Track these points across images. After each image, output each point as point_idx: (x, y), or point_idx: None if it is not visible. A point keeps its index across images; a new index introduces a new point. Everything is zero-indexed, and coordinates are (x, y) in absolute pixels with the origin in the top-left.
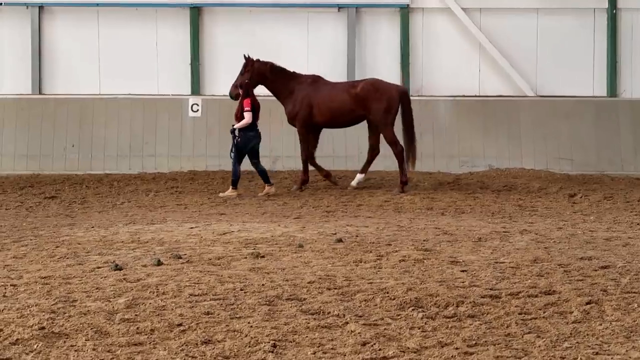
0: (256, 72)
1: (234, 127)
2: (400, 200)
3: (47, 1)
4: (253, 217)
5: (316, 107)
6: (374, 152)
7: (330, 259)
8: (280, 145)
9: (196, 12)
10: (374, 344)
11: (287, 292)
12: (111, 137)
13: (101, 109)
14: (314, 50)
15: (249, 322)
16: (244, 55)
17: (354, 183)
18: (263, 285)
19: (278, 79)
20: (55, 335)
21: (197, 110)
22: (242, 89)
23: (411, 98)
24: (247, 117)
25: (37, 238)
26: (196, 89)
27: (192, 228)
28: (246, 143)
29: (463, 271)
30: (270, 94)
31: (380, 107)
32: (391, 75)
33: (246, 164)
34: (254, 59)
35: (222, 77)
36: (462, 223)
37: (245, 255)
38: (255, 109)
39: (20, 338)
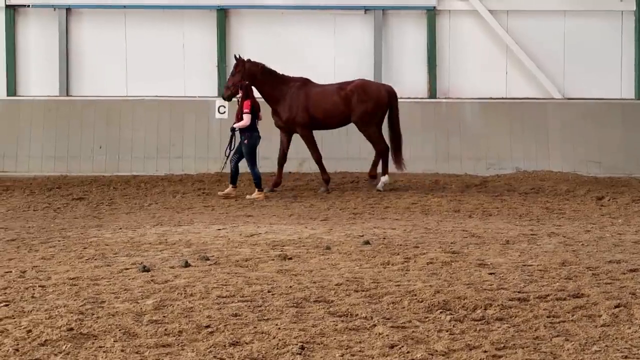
0: (247, 72)
1: (234, 126)
2: (427, 202)
3: (75, 3)
4: (280, 219)
5: (311, 109)
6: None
7: (358, 261)
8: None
9: (223, 14)
10: (402, 346)
11: (315, 294)
12: (138, 139)
13: (128, 111)
14: (340, 52)
15: (276, 324)
16: (235, 56)
17: (379, 186)
18: (290, 287)
19: (268, 81)
20: (83, 336)
21: (224, 112)
22: (242, 90)
23: (438, 100)
24: (246, 119)
25: (65, 239)
26: (223, 90)
27: (219, 230)
28: (254, 143)
29: (491, 274)
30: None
31: (367, 108)
32: (418, 77)
33: (242, 166)
34: (245, 59)
35: None
36: (489, 225)
37: (273, 257)
38: (255, 110)
39: (49, 339)
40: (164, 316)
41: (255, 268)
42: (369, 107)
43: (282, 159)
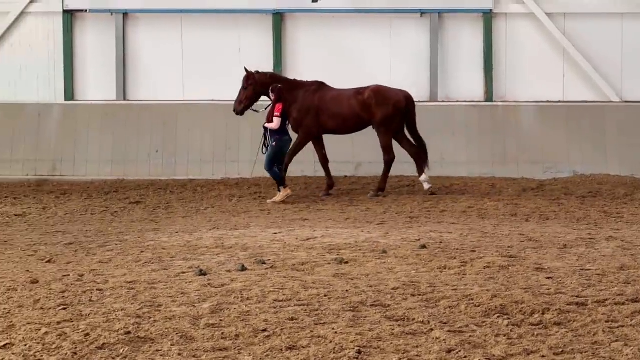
0: (259, 84)
1: (265, 126)
2: (484, 206)
3: (131, 8)
4: (336, 223)
5: (325, 113)
6: (413, 151)
7: (414, 265)
8: (362, 151)
9: (279, 18)
10: (459, 351)
11: (372, 298)
12: (194, 143)
13: (184, 115)
14: (396, 55)
15: (333, 328)
16: (245, 69)
17: (426, 187)
18: (347, 291)
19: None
20: (141, 340)
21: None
22: (275, 94)
23: (495, 104)
24: (276, 122)
25: (122, 243)
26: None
27: (275, 234)
28: (282, 147)
29: (548, 278)
30: None
31: (386, 113)
32: (474, 80)
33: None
34: (253, 72)
35: None
36: (546, 229)
37: (329, 261)
38: (286, 114)
39: (106, 342)
40: (220, 320)
41: (311, 272)
42: (389, 111)
43: (324, 160)
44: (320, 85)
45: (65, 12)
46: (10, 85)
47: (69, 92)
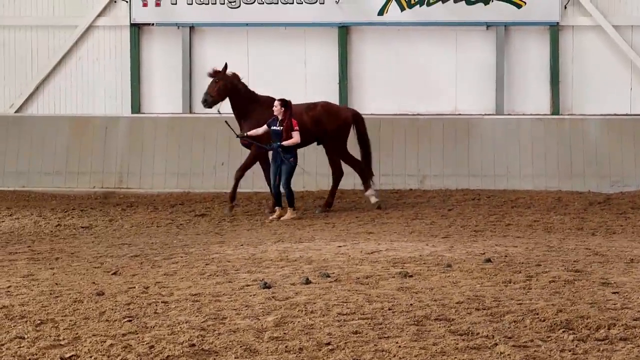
0: (229, 81)
1: (284, 144)
2: (549, 220)
3: (198, 21)
4: (401, 236)
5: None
6: (358, 168)
7: (479, 279)
8: (427, 165)
9: (344, 31)
10: None
11: (436, 312)
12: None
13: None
14: (461, 68)
15: (397, 342)
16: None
17: (372, 201)
18: (411, 305)
19: (244, 95)
20: (205, 352)
21: None
22: (287, 108)
23: (561, 117)
24: (296, 136)
25: (187, 255)
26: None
27: (340, 247)
28: (297, 163)
29: (615, 293)
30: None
31: (335, 128)
32: (540, 93)
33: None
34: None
35: (369, 96)
36: (613, 244)
37: (393, 274)
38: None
39: (171, 355)
40: (284, 333)
41: (375, 285)
42: (339, 126)
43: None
44: (273, 101)
45: (133, 25)
46: (77, 98)
47: (136, 105)
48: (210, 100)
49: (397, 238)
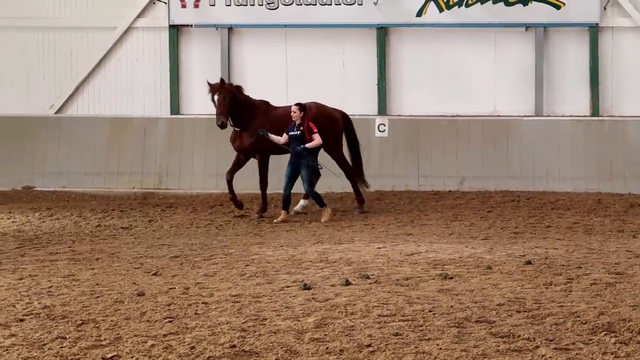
0: (232, 94)
1: (307, 146)
2: (590, 222)
3: (236, 23)
4: (440, 238)
5: (275, 132)
6: (347, 173)
7: (519, 281)
8: (467, 166)
9: (383, 32)
10: None
11: (476, 315)
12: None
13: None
14: (500, 70)
15: (437, 344)
16: (208, 82)
17: (298, 208)
18: (452, 307)
19: (244, 101)
20: (245, 353)
21: (384, 130)
22: (305, 112)
23: (601, 118)
24: (318, 138)
25: (227, 256)
26: (383, 108)
27: (379, 248)
28: (315, 165)
29: None
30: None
31: (329, 129)
32: (579, 95)
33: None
34: (221, 81)
35: (408, 97)
36: None
37: (433, 276)
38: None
39: (212, 356)
40: (325, 334)
41: (415, 287)
42: (334, 127)
43: (232, 179)
44: (267, 105)
45: (171, 27)
46: (116, 99)
47: (175, 106)
48: (225, 121)
49: (437, 240)
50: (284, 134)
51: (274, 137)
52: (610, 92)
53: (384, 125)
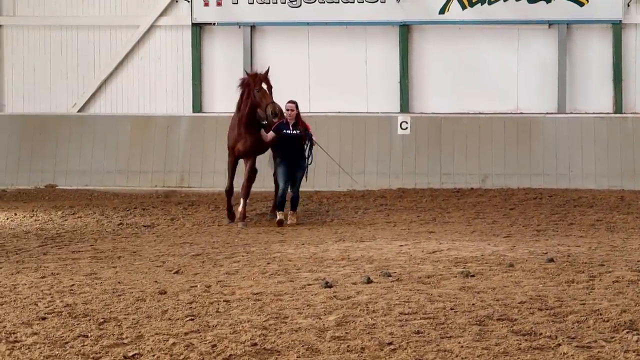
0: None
1: (311, 137)
2: (612, 219)
3: (259, 21)
4: (462, 236)
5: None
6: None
7: (542, 279)
8: (489, 163)
9: (405, 30)
10: None
11: (498, 312)
12: (320, 154)
13: (311, 126)
14: (523, 67)
15: (459, 342)
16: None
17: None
18: (473, 304)
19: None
20: (267, 351)
21: (406, 128)
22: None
23: (624, 115)
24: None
25: (249, 254)
26: (405, 106)
27: (401, 246)
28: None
29: None
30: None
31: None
32: (602, 92)
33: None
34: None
35: (431, 95)
36: None
37: (455, 274)
38: None
39: (233, 354)
40: (346, 332)
41: (437, 285)
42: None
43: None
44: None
45: (194, 25)
46: (139, 98)
47: (197, 104)
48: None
49: (459, 237)
50: (270, 132)
51: (269, 135)
52: (634, 89)
53: (407, 122)
